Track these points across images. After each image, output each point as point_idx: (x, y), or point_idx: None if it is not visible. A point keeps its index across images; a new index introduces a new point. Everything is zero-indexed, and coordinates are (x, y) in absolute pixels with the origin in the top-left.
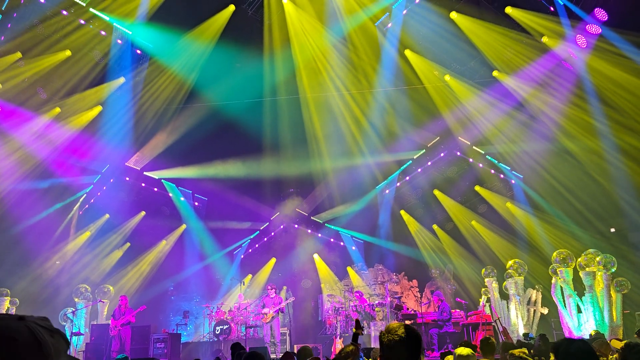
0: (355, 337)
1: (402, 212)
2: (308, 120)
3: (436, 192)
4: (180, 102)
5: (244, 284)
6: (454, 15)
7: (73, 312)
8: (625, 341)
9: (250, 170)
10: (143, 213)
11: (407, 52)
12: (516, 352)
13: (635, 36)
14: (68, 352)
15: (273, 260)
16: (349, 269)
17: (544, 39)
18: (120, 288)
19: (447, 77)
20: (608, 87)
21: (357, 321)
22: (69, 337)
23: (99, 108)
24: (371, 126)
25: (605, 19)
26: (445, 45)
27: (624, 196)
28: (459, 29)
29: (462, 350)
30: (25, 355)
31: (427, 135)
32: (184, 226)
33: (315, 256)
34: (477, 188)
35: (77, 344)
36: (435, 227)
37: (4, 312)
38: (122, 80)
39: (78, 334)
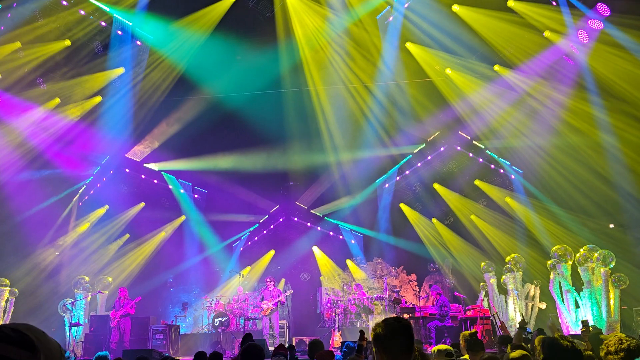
0: (359, 348)
1: (402, 205)
2: (308, 114)
3: (436, 186)
4: (181, 94)
5: (242, 276)
6: (455, 8)
7: (72, 303)
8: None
9: (250, 163)
10: (142, 204)
11: (408, 46)
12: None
13: (637, 31)
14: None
15: (271, 252)
16: (348, 261)
17: (546, 33)
18: (120, 279)
19: (448, 71)
20: (610, 81)
21: (362, 332)
22: (67, 328)
23: (98, 98)
24: (371, 120)
25: (608, 14)
26: (447, 39)
27: (624, 191)
28: (460, 22)
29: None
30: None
31: (428, 129)
32: (183, 217)
33: (315, 249)
34: (476, 182)
35: (77, 335)
36: (434, 220)
37: (3, 303)
38: (121, 70)
39: (77, 324)
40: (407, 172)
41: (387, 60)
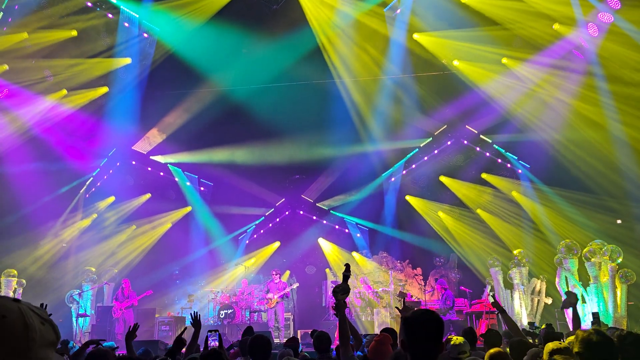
0: (345, 279)
1: (408, 198)
2: (315, 107)
3: (442, 178)
4: (187, 87)
5: (245, 268)
6: None
7: (79, 294)
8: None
9: (256, 156)
10: (149, 195)
11: (416, 38)
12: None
13: None
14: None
15: (276, 244)
16: (355, 254)
17: (556, 26)
18: (125, 270)
19: (456, 63)
20: (620, 75)
21: (347, 265)
22: (74, 319)
23: (105, 89)
24: (378, 113)
25: (618, 7)
26: (455, 31)
27: (633, 186)
28: (468, 14)
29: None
30: (10, 334)
31: (434, 123)
32: (189, 208)
33: (321, 241)
34: (483, 175)
35: (84, 325)
36: (440, 214)
37: (11, 293)
38: (128, 60)
39: (84, 315)
40: (414, 165)
41: (394, 53)
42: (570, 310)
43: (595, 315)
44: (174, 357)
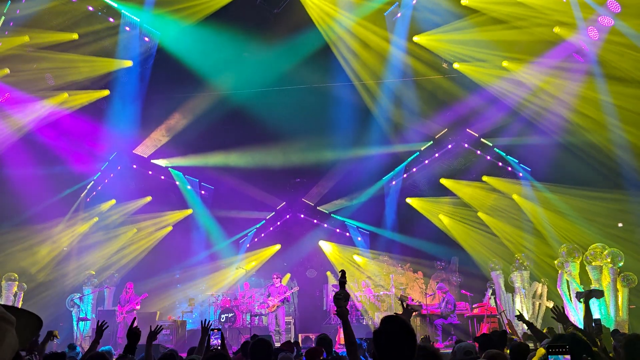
0: (342, 285)
1: (408, 200)
2: (316, 110)
3: (443, 181)
4: (188, 91)
5: (246, 271)
6: (465, 1)
7: (80, 298)
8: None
9: (257, 160)
10: (149, 198)
11: (416, 40)
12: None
13: None
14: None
15: (277, 246)
16: (357, 256)
17: (556, 29)
18: (127, 274)
19: (457, 66)
20: (621, 78)
21: (343, 271)
22: (75, 323)
23: (106, 92)
24: (378, 117)
25: (618, 10)
26: (456, 33)
27: (635, 189)
28: (469, 16)
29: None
30: None
31: (435, 126)
32: (190, 210)
33: (322, 243)
34: (484, 178)
35: (84, 329)
36: (441, 216)
37: (12, 296)
38: (129, 62)
39: (85, 319)
40: (415, 169)
41: (395, 57)
42: (572, 315)
43: (598, 322)
44: (132, 352)
